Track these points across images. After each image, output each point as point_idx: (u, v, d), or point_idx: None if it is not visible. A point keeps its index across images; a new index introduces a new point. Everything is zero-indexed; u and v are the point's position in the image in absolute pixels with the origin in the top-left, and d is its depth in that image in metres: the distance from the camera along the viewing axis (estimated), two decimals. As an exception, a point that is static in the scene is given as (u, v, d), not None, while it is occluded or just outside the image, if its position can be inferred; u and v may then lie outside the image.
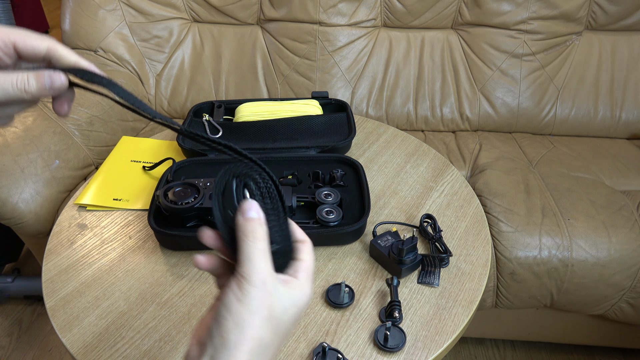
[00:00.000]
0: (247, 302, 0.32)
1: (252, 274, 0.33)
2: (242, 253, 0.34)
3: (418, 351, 0.61)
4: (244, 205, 0.35)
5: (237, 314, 0.32)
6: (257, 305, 0.32)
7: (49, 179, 1.11)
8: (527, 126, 1.41)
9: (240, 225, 0.34)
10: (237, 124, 1.00)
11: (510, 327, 1.22)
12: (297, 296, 0.35)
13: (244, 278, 0.33)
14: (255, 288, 0.32)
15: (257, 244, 0.34)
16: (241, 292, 0.32)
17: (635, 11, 1.35)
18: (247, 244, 0.34)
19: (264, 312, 0.33)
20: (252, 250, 0.34)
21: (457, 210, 0.83)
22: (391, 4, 1.39)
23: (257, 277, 0.33)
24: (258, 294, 0.32)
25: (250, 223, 0.34)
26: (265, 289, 0.33)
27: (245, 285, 0.32)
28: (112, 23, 1.42)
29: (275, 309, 0.33)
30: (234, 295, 0.32)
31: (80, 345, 0.62)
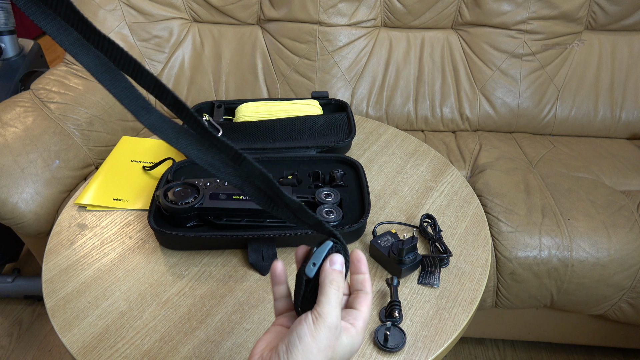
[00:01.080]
0: (318, 339, 0.37)
1: (328, 316, 0.37)
2: (324, 295, 0.38)
3: (418, 351, 0.61)
4: (334, 257, 0.40)
5: (307, 347, 0.36)
6: (325, 345, 0.37)
7: (49, 179, 1.11)
8: (527, 126, 1.41)
9: (327, 272, 0.40)
10: (237, 124, 1.00)
11: (510, 327, 1.22)
12: (353, 343, 0.39)
13: (321, 317, 0.37)
14: (328, 329, 0.37)
15: (338, 292, 0.39)
16: (315, 329, 0.37)
17: (635, 11, 1.35)
18: (330, 289, 0.39)
19: (329, 353, 0.37)
20: (333, 297, 0.38)
21: (457, 210, 0.83)
22: (391, 4, 1.39)
23: (332, 321, 0.37)
24: (329, 335, 0.37)
25: (337, 273, 0.40)
26: (335, 333, 0.38)
27: (320, 324, 0.37)
28: (112, 23, 1.42)
29: (337, 352, 0.38)
30: (309, 330, 0.37)
31: (80, 345, 0.62)
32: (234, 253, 0.76)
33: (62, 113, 1.21)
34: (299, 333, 0.37)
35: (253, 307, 0.67)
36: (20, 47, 1.75)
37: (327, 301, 0.38)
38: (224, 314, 0.66)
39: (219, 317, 0.66)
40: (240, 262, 0.74)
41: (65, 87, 1.28)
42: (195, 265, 0.73)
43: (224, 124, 1.01)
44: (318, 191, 0.79)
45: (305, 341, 0.36)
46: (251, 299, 0.68)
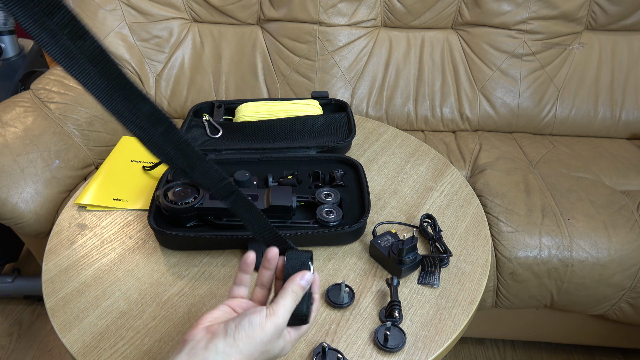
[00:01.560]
0: (265, 331, 0.42)
1: (281, 317, 0.43)
2: (283, 299, 0.44)
3: (418, 351, 0.61)
4: (306, 275, 0.47)
5: (253, 334, 0.42)
6: (267, 339, 0.42)
7: (49, 179, 1.11)
8: (527, 126, 1.41)
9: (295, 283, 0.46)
10: (237, 124, 1.00)
11: (510, 327, 1.22)
12: (285, 346, 0.46)
13: (275, 315, 0.43)
14: (275, 327, 0.43)
15: (294, 303, 0.45)
16: (266, 322, 0.42)
17: (635, 11, 1.35)
18: (290, 298, 0.45)
19: (267, 347, 0.43)
20: (289, 304, 0.45)
21: (457, 210, 0.83)
22: (391, 4, 1.39)
23: (281, 322, 0.43)
24: (274, 332, 0.43)
25: (301, 288, 0.46)
26: (278, 332, 0.43)
27: (272, 319, 0.43)
28: (112, 23, 1.42)
29: (272, 348, 0.44)
30: (260, 321, 0.42)
31: (80, 345, 0.62)
32: (234, 253, 0.76)
33: (62, 113, 1.21)
34: (251, 320, 0.42)
35: (253, 307, 0.67)
36: (20, 47, 1.75)
37: (284, 305, 0.44)
38: (224, 314, 0.66)
39: (219, 317, 0.66)
40: (240, 262, 0.74)
41: (65, 87, 1.28)
42: (195, 265, 0.73)
43: (224, 124, 1.01)
44: (318, 191, 0.79)
45: (254, 328, 0.42)
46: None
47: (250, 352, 0.41)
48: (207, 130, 0.99)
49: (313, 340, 0.62)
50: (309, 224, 0.75)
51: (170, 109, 1.47)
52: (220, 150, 0.93)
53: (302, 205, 0.79)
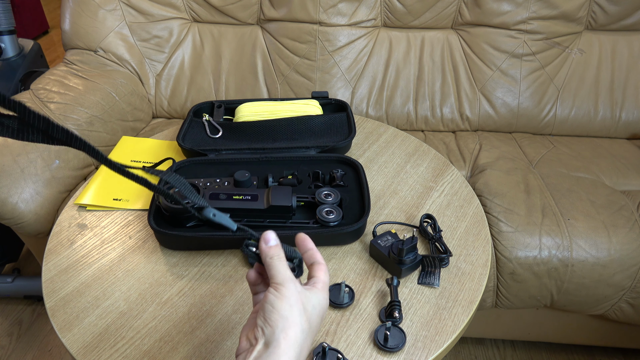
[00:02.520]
0: (286, 299, 0.42)
1: (283, 280, 0.44)
2: (272, 269, 0.45)
3: (418, 351, 0.61)
4: (266, 236, 0.47)
5: (280, 308, 0.42)
6: (294, 300, 0.42)
7: (49, 179, 1.11)
8: (527, 126, 1.42)
9: (265, 251, 0.46)
10: (237, 124, 1.00)
11: (510, 327, 1.22)
12: (319, 298, 0.45)
13: (278, 284, 0.43)
14: (288, 289, 0.43)
15: (281, 261, 0.45)
16: (279, 293, 0.43)
17: (635, 11, 1.35)
18: (274, 262, 0.45)
19: (300, 306, 0.43)
20: (279, 266, 0.45)
21: (457, 210, 0.83)
22: (391, 4, 1.39)
23: (288, 280, 0.44)
24: (292, 292, 0.43)
25: (273, 248, 0.46)
26: (296, 288, 0.44)
27: (281, 288, 0.43)
28: (112, 23, 1.42)
29: (306, 304, 0.44)
30: (274, 296, 0.42)
31: (80, 345, 0.62)
32: (234, 253, 0.76)
33: (62, 113, 1.21)
34: (270, 302, 0.42)
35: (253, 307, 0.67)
36: (20, 47, 1.75)
37: (276, 272, 0.44)
38: (224, 314, 0.66)
39: (219, 317, 0.66)
40: (240, 262, 0.74)
41: (65, 87, 1.28)
42: (195, 265, 0.73)
43: (224, 124, 1.01)
44: (318, 191, 0.79)
45: (276, 305, 0.42)
46: (251, 299, 0.68)
47: (298, 323, 0.42)
48: (207, 130, 0.99)
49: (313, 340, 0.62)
50: (309, 224, 0.75)
51: (170, 108, 1.47)
52: (220, 150, 0.93)
53: (302, 205, 0.79)
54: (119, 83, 1.36)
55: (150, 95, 1.46)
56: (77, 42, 1.42)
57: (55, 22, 3.44)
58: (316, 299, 0.45)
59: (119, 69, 1.42)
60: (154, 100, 1.47)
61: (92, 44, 1.41)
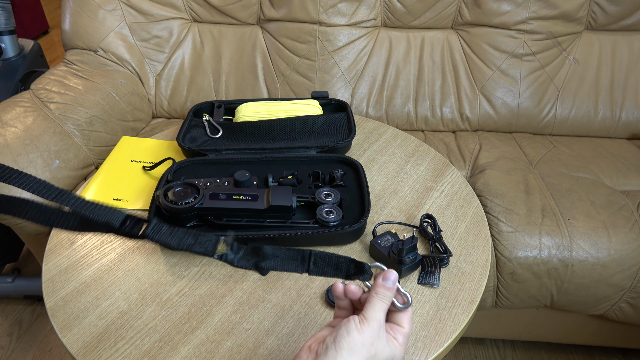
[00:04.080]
0: (363, 334, 0.42)
1: (373, 319, 0.43)
2: (371, 304, 0.44)
3: (418, 351, 0.61)
4: (387, 274, 0.46)
5: (353, 339, 0.42)
6: (368, 342, 0.42)
7: (49, 179, 1.11)
8: (527, 126, 1.41)
9: (378, 286, 0.46)
10: (237, 124, 1.00)
11: (510, 327, 1.22)
12: (395, 352, 0.44)
13: (366, 319, 0.43)
14: (371, 329, 0.43)
15: (384, 304, 0.45)
16: (361, 326, 0.42)
17: (635, 11, 1.35)
18: (377, 300, 0.45)
19: (371, 349, 0.42)
20: (380, 306, 0.44)
21: (457, 210, 0.83)
22: (391, 4, 1.39)
23: (376, 323, 0.43)
24: (373, 334, 0.42)
25: (386, 289, 0.46)
26: (379, 333, 0.43)
27: (365, 324, 0.43)
28: (112, 23, 1.42)
29: (378, 351, 0.43)
30: (355, 326, 0.42)
31: (80, 345, 0.62)
32: (234, 253, 0.75)
33: (62, 113, 1.21)
34: (347, 328, 0.42)
35: (253, 307, 0.67)
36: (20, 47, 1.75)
37: (373, 308, 0.44)
38: (224, 314, 0.66)
39: (219, 317, 0.66)
40: (240, 262, 0.74)
41: (65, 87, 1.28)
42: (195, 265, 0.73)
43: (224, 124, 1.01)
44: (318, 191, 0.79)
45: (352, 334, 0.42)
46: (251, 299, 0.68)
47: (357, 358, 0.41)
48: (207, 130, 0.99)
49: None
50: (309, 224, 0.75)
51: (171, 108, 1.47)
52: (220, 150, 0.93)
53: (302, 205, 0.79)
54: (119, 83, 1.36)
55: (150, 95, 1.46)
56: (77, 42, 1.42)
57: (55, 22, 3.44)
58: (390, 351, 0.44)
59: (119, 69, 1.42)
60: (154, 100, 1.47)
61: (92, 44, 1.41)
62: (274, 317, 0.66)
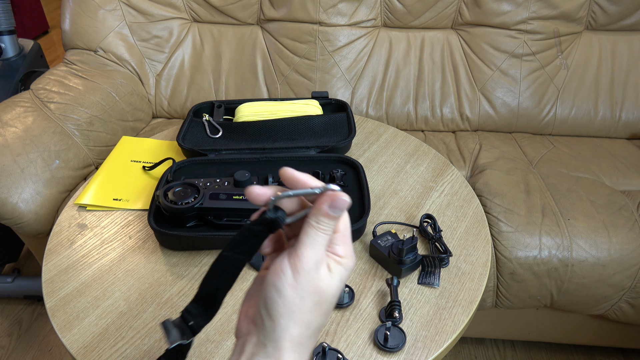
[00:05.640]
0: (299, 288, 0.32)
1: (309, 261, 0.33)
2: (307, 236, 0.33)
3: (418, 351, 0.61)
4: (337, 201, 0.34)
5: (289, 299, 0.32)
6: (308, 292, 0.32)
7: (49, 179, 1.11)
8: (527, 126, 1.41)
9: (321, 215, 0.34)
10: (237, 124, 1.00)
11: (510, 327, 1.22)
12: (343, 276, 0.35)
13: (300, 262, 0.32)
14: (309, 276, 0.32)
15: (325, 236, 0.34)
16: (295, 279, 0.32)
17: (635, 11, 1.35)
18: (313, 232, 0.33)
19: (315, 298, 0.33)
20: (318, 240, 0.33)
21: (457, 210, 0.83)
22: (391, 4, 1.39)
23: (313, 267, 0.33)
24: (311, 280, 0.32)
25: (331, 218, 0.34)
26: (318, 274, 0.33)
27: (300, 272, 0.32)
28: (112, 23, 1.42)
29: (325, 293, 0.33)
30: (286, 281, 0.32)
31: (80, 345, 0.62)
32: (234, 253, 0.75)
33: (62, 113, 1.21)
34: (277, 287, 0.32)
35: (253, 307, 0.67)
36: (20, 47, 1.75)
37: (311, 244, 0.33)
38: (224, 314, 0.66)
39: (218, 317, 0.66)
40: (240, 262, 0.74)
41: (65, 87, 1.28)
42: (195, 265, 0.73)
43: (224, 124, 1.01)
44: (318, 191, 0.79)
45: (285, 294, 0.32)
46: (251, 299, 0.68)
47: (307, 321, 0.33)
48: (207, 130, 0.99)
49: None
50: (309, 224, 0.75)
51: (171, 109, 1.47)
52: (220, 150, 0.93)
53: (302, 205, 0.79)
54: (119, 83, 1.36)
55: (150, 95, 1.46)
56: (77, 42, 1.42)
57: (55, 22, 3.44)
58: (340, 279, 0.34)
59: (119, 69, 1.42)
60: (154, 100, 1.47)
61: (92, 44, 1.41)
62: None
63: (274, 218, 0.34)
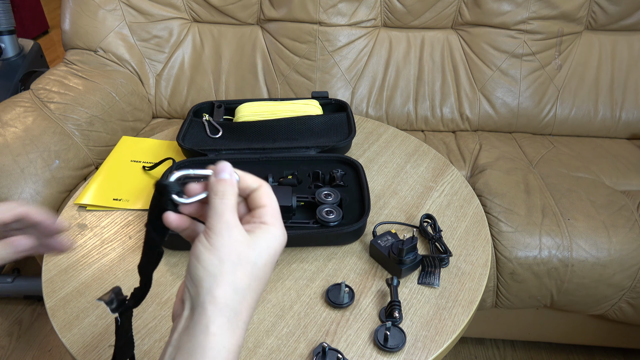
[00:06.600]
0: (215, 250, 0.34)
1: (218, 224, 0.35)
2: (211, 208, 0.36)
3: (418, 351, 0.61)
4: (218, 166, 0.37)
5: (207, 262, 0.34)
6: (225, 252, 0.34)
7: (49, 179, 1.11)
8: (527, 126, 1.41)
9: (212, 185, 0.37)
10: (237, 124, 1.00)
11: (510, 327, 1.22)
12: (269, 239, 0.36)
13: (210, 229, 0.35)
14: (221, 237, 0.34)
15: (225, 200, 0.36)
16: (209, 242, 0.34)
17: (635, 11, 1.35)
18: (215, 201, 0.36)
19: (233, 258, 0.34)
20: (220, 206, 0.35)
21: (457, 210, 0.83)
22: (391, 4, 1.39)
23: (223, 227, 0.35)
24: (225, 241, 0.34)
25: (222, 183, 0.37)
26: (232, 236, 0.35)
27: (212, 235, 0.34)
28: (112, 23, 1.42)
29: (245, 254, 0.35)
30: (202, 246, 0.34)
31: (80, 345, 0.62)
32: (234, 253, 0.75)
33: (62, 113, 1.21)
34: (195, 254, 0.34)
35: (253, 307, 0.67)
36: (20, 47, 1.75)
37: (214, 212, 0.35)
38: (224, 314, 0.66)
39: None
40: (240, 262, 0.74)
41: (65, 87, 1.28)
42: (195, 265, 0.73)
43: (224, 124, 1.01)
44: (318, 191, 0.79)
45: (202, 258, 0.34)
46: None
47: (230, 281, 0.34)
48: (207, 130, 0.99)
49: (313, 340, 0.62)
50: (309, 224, 0.75)
51: (171, 108, 1.47)
52: (220, 150, 0.93)
53: (302, 205, 0.79)
54: (119, 83, 1.36)
55: (150, 95, 1.46)
56: (77, 42, 1.42)
57: (55, 22, 3.44)
58: (263, 243, 0.36)
59: (119, 69, 1.42)
60: (154, 100, 1.47)
61: (92, 44, 1.41)
62: (274, 317, 0.66)
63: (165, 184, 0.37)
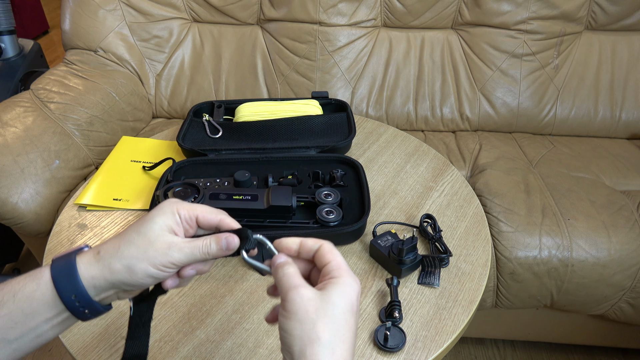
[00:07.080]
0: (292, 315, 0.37)
1: (288, 293, 0.38)
2: (277, 284, 0.40)
3: (418, 351, 0.61)
4: (273, 260, 0.42)
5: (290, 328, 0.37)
6: (302, 314, 0.37)
7: (49, 179, 1.11)
8: (527, 126, 1.42)
9: (274, 274, 0.41)
10: (237, 124, 1.00)
11: (510, 327, 1.22)
12: (340, 289, 0.39)
13: (284, 300, 0.38)
14: (294, 302, 0.38)
15: (284, 271, 0.40)
16: (285, 311, 0.38)
17: (635, 11, 1.35)
18: (278, 275, 0.40)
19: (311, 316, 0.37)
20: (283, 278, 0.39)
21: (457, 210, 0.83)
22: (391, 4, 1.39)
23: (292, 293, 0.38)
24: (298, 304, 0.37)
25: (280, 268, 0.41)
26: (302, 298, 0.38)
27: (286, 305, 0.38)
28: (112, 23, 1.42)
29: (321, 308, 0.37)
30: (282, 316, 0.38)
31: (80, 345, 0.62)
32: (234, 253, 0.75)
33: (62, 113, 1.21)
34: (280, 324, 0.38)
35: (253, 307, 0.67)
36: (20, 47, 1.75)
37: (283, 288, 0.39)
38: (224, 314, 0.66)
39: (219, 317, 0.66)
40: (240, 262, 0.74)
41: (65, 87, 1.28)
42: (195, 265, 0.73)
43: (224, 124, 1.01)
44: (318, 191, 0.79)
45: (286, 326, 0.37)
46: (251, 299, 0.68)
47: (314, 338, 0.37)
48: (207, 130, 0.99)
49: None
50: (309, 224, 0.75)
51: (171, 108, 1.47)
52: (220, 150, 0.93)
53: (302, 205, 0.79)
54: (119, 83, 1.36)
55: (150, 95, 1.46)
56: (77, 42, 1.42)
57: (55, 22, 3.44)
58: (337, 295, 0.38)
59: (119, 69, 1.42)
60: (154, 100, 1.47)
61: (92, 44, 1.41)
62: (274, 317, 0.66)
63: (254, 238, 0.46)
